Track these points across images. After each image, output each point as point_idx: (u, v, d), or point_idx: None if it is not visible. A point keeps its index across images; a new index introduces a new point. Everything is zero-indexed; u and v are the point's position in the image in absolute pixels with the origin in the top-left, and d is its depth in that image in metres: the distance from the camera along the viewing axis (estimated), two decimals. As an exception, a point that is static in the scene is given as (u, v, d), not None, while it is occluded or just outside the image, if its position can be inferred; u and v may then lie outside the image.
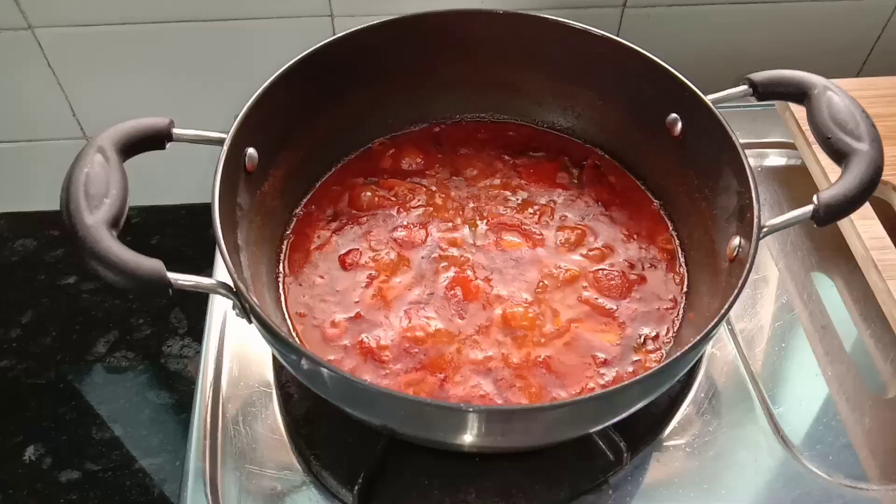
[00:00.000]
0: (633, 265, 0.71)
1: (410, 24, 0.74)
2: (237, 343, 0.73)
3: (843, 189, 0.57)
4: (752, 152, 0.90)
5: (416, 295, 0.68)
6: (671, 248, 0.73)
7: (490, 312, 0.66)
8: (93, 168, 0.53)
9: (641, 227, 0.74)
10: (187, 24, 0.96)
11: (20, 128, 1.08)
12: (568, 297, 0.68)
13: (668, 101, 0.70)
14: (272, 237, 0.70)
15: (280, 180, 0.71)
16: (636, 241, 0.73)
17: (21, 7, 0.92)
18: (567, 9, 0.97)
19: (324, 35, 0.71)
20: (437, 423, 0.54)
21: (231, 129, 0.61)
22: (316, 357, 0.52)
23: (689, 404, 0.69)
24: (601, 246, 0.72)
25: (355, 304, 0.67)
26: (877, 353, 0.74)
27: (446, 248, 0.71)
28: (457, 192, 0.76)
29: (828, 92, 0.62)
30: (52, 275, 1.19)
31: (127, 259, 0.50)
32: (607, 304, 0.68)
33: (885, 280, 0.70)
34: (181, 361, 1.13)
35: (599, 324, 0.66)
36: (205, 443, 0.66)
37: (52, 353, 1.12)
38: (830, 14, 1.01)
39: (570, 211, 0.75)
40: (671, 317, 0.67)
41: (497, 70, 0.79)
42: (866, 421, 0.69)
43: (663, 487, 0.64)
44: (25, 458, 1.04)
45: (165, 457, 1.05)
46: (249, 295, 0.54)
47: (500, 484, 0.63)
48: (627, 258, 0.71)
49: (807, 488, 0.64)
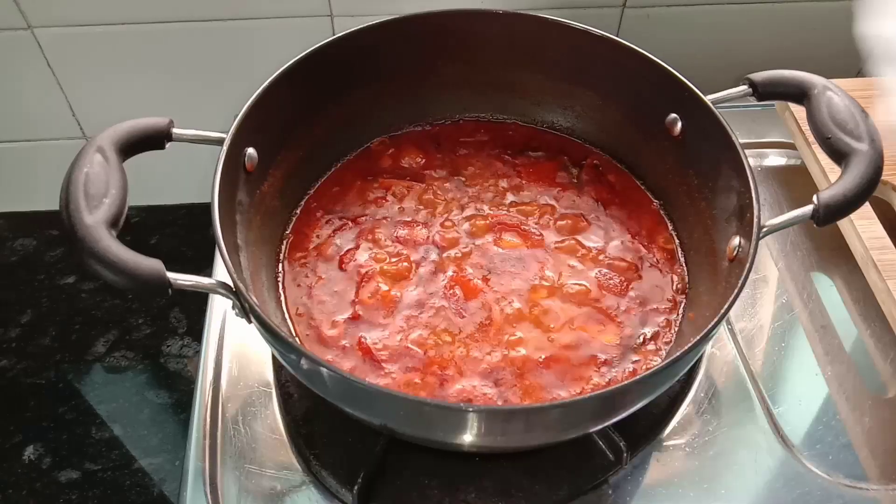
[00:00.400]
0: (633, 265, 0.71)
1: (410, 24, 0.74)
2: (237, 343, 0.73)
3: (842, 189, 0.57)
4: (752, 152, 0.90)
5: (416, 294, 0.67)
6: (671, 248, 0.73)
7: (489, 312, 0.66)
8: (92, 168, 0.53)
9: (641, 227, 0.74)
10: (187, 24, 0.96)
11: (20, 128, 1.08)
12: (567, 297, 0.68)
13: (668, 101, 0.70)
14: (272, 237, 0.70)
15: (280, 180, 0.71)
16: (636, 240, 0.73)
17: (21, 7, 0.92)
18: (567, 9, 0.97)
19: (324, 35, 0.71)
20: (436, 423, 0.54)
21: (231, 129, 0.61)
22: (315, 357, 0.52)
23: (689, 404, 0.69)
24: (600, 246, 0.72)
25: (355, 304, 0.67)
26: (877, 353, 0.74)
27: (445, 248, 0.71)
28: (456, 191, 0.76)
29: (828, 92, 0.62)
30: (51, 274, 1.19)
31: (126, 259, 0.49)
32: (606, 304, 0.68)
33: (885, 280, 0.70)
34: (181, 361, 1.13)
35: (598, 324, 0.66)
36: (204, 442, 0.66)
37: (52, 352, 1.12)
38: (830, 14, 1.01)
39: (570, 210, 0.75)
40: (671, 317, 0.67)
41: (497, 70, 0.79)
42: (866, 421, 0.69)
43: (663, 487, 0.64)
44: (25, 458, 1.04)
45: (165, 456, 1.05)
46: (249, 295, 0.54)
47: (500, 484, 0.63)
48: (627, 258, 0.71)
49: (807, 488, 0.64)
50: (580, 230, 0.73)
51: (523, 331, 0.65)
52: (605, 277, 0.69)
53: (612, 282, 0.69)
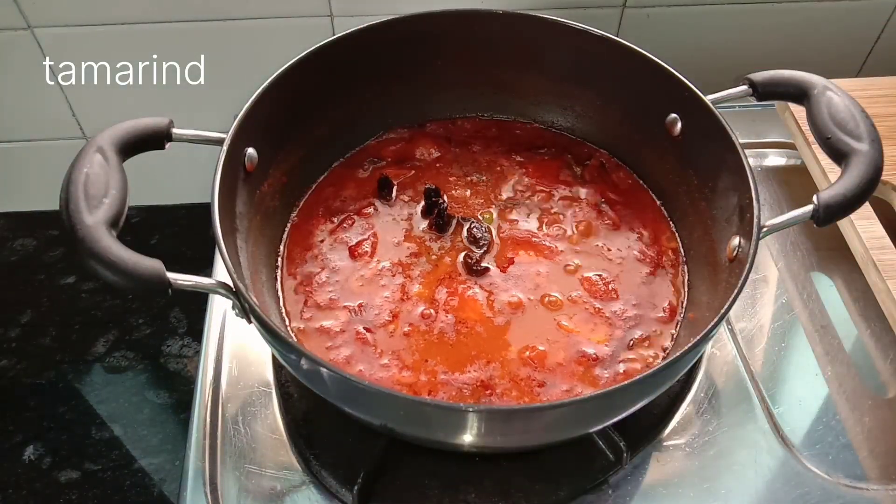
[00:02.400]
0: (634, 264, 0.71)
1: (410, 25, 0.74)
2: (237, 343, 0.73)
3: (842, 189, 0.57)
4: (752, 152, 0.90)
5: (415, 291, 0.67)
6: (674, 247, 0.73)
7: (489, 310, 0.66)
8: (92, 168, 0.53)
9: (644, 227, 0.74)
10: (187, 24, 0.96)
11: (20, 128, 1.08)
12: (567, 295, 0.68)
13: (668, 101, 0.70)
14: (272, 237, 0.70)
15: (280, 180, 0.71)
16: (638, 240, 0.73)
17: (21, 7, 0.92)
18: (567, 9, 0.97)
19: (323, 35, 0.71)
20: (436, 423, 0.54)
21: (231, 129, 0.61)
22: (315, 357, 0.52)
23: (689, 404, 0.69)
24: (602, 244, 0.72)
25: (354, 303, 0.67)
26: (877, 353, 0.74)
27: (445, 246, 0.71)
28: (455, 190, 0.76)
29: (828, 92, 0.62)
30: (51, 274, 1.19)
31: (126, 259, 0.49)
32: (606, 303, 0.68)
33: (885, 280, 0.70)
34: (181, 361, 1.13)
35: (598, 323, 0.66)
36: (204, 442, 0.66)
37: (52, 352, 1.13)
38: (830, 14, 1.01)
39: (573, 209, 0.75)
40: (671, 317, 0.67)
41: (496, 70, 0.79)
42: (866, 421, 0.69)
43: (663, 487, 0.64)
44: (25, 458, 1.04)
45: (165, 456, 1.05)
46: (249, 295, 0.54)
47: (500, 484, 0.63)
48: (628, 257, 0.71)
49: (807, 488, 0.64)
50: (582, 228, 0.73)
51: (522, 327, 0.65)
52: (605, 277, 0.69)
53: (611, 281, 0.69)
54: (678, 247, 0.73)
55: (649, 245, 0.73)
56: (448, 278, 0.69)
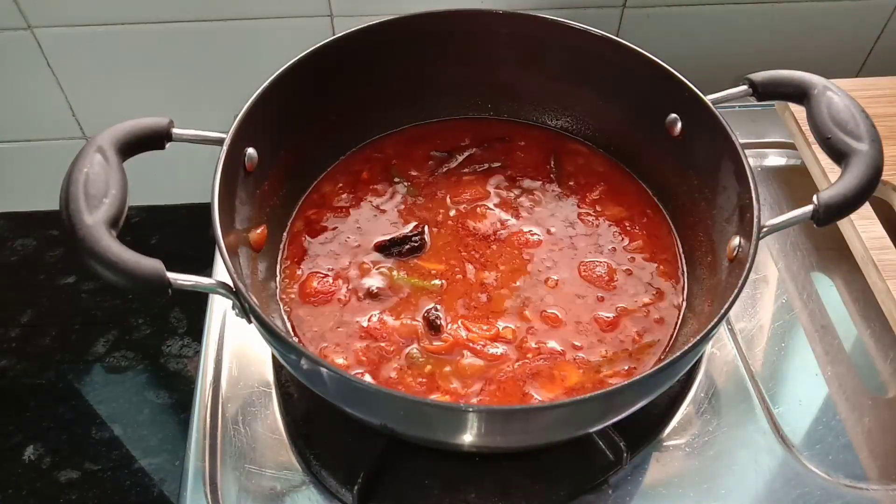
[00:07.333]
0: (633, 265, 0.71)
1: (410, 25, 0.74)
2: (237, 343, 0.73)
3: (842, 189, 0.57)
4: (752, 152, 0.90)
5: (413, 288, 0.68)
6: (672, 248, 0.73)
7: (488, 310, 0.66)
8: (92, 168, 0.53)
9: (643, 226, 0.74)
10: (187, 24, 0.96)
11: (20, 128, 1.08)
12: (565, 294, 0.68)
13: (668, 101, 0.70)
14: (272, 237, 0.70)
15: (280, 180, 0.71)
16: (636, 240, 0.73)
17: (21, 7, 0.92)
18: (567, 9, 0.97)
19: (323, 35, 0.71)
20: (436, 423, 0.54)
21: (231, 129, 0.61)
22: (316, 357, 0.52)
23: (689, 404, 0.69)
24: (600, 244, 0.72)
25: (354, 302, 0.67)
26: (876, 353, 0.74)
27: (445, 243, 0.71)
28: (455, 190, 0.76)
29: (827, 92, 0.62)
30: (51, 274, 1.19)
31: (126, 259, 0.49)
32: (605, 303, 0.68)
33: (885, 280, 0.70)
34: (181, 361, 1.13)
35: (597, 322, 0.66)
36: (204, 442, 0.66)
37: (52, 352, 1.13)
38: (830, 14, 1.01)
39: (569, 209, 0.75)
40: (671, 317, 0.67)
41: (496, 70, 0.79)
42: (866, 421, 0.69)
43: (663, 487, 0.64)
44: (25, 458, 1.04)
45: (165, 456, 1.05)
46: (249, 295, 0.54)
47: (500, 484, 0.63)
48: (627, 258, 0.71)
49: (807, 488, 0.64)
50: (579, 228, 0.73)
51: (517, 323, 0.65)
52: (605, 276, 0.69)
53: (611, 281, 0.69)
54: (678, 247, 0.73)
55: (649, 245, 0.73)
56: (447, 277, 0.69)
